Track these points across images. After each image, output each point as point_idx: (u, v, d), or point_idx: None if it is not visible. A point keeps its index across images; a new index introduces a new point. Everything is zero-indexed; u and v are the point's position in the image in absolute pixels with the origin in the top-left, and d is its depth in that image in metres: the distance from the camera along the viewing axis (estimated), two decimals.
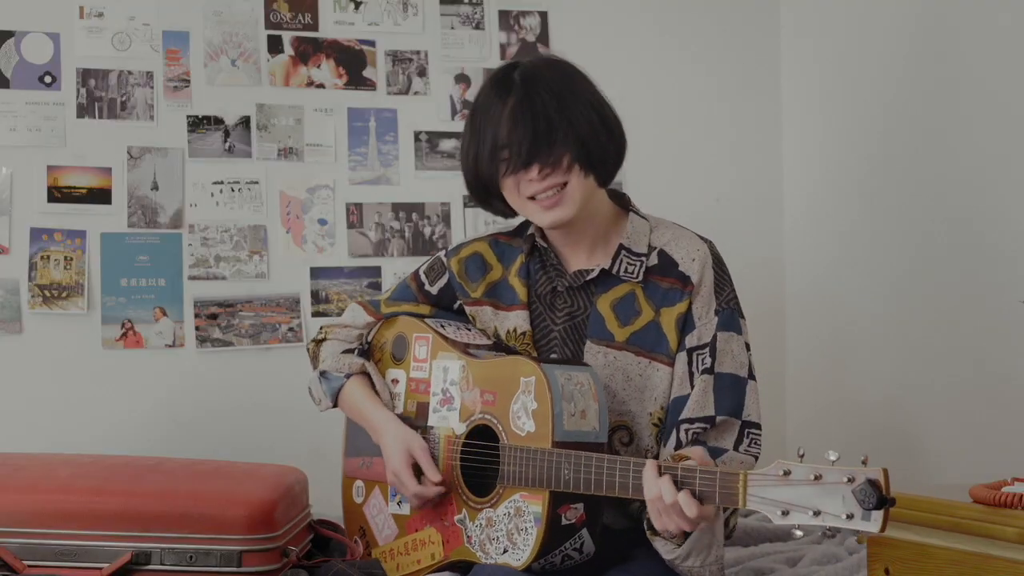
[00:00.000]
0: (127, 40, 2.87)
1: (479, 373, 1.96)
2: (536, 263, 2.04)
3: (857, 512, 1.49)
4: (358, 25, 3.01)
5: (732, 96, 3.25)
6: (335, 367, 2.12)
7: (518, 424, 1.86)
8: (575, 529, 1.83)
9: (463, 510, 1.94)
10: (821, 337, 3.12)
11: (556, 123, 1.87)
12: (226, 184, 2.91)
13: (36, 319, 2.78)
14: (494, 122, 1.90)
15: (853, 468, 1.50)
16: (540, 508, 1.81)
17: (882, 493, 1.48)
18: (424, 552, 2.01)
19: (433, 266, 2.15)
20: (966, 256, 2.61)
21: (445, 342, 2.04)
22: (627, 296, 1.97)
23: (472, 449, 1.94)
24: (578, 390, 1.84)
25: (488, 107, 1.92)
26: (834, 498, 1.51)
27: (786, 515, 1.54)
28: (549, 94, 1.89)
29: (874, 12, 2.91)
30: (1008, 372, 2.50)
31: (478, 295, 2.08)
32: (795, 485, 1.54)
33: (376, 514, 2.12)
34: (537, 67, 1.94)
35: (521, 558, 1.82)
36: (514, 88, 1.90)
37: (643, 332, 1.95)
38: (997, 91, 2.53)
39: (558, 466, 1.78)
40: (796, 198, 3.24)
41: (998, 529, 1.73)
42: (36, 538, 1.97)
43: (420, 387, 2.07)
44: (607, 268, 1.97)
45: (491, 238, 2.12)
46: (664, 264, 1.96)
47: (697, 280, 1.94)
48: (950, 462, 2.63)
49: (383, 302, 2.19)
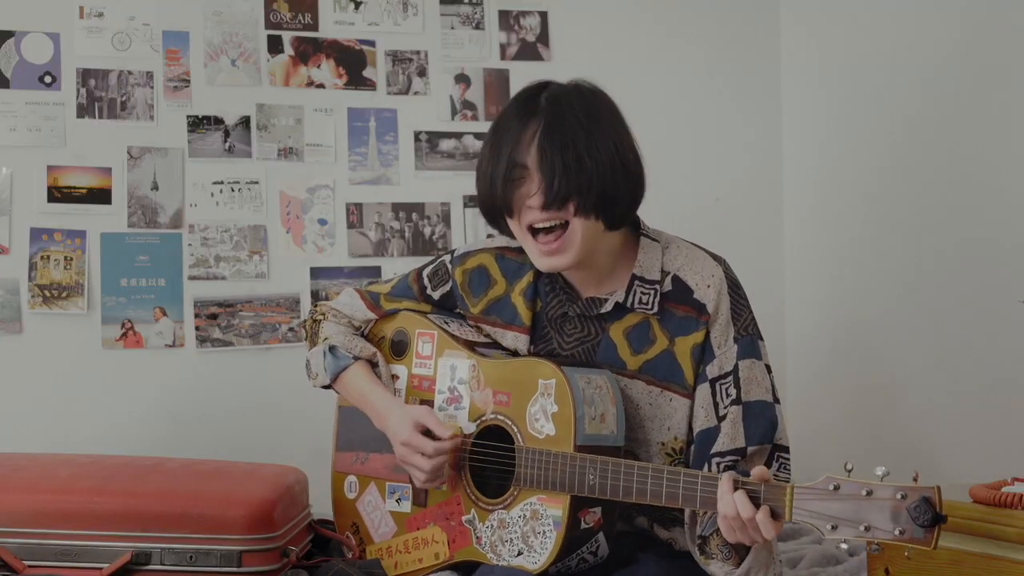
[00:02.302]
0: (127, 40, 2.87)
1: (491, 373, 1.95)
2: (545, 284, 2.00)
3: (910, 529, 1.49)
4: (358, 25, 3.01)
5: (732, 96, 3.25)
6: (346, 346, 2.09)
7: (536, 427, 1.85)
8: (592, 533, 1.83)
9: (472, 510, 1.93)
10: (821, 337, 3.12)
11: (570, 164, 1.82)
12: (226, 184, 2.91)
13: (36, 319, 2.78)
14: (511, 142, 1.85)
15: (905, 485, 1.50)
16: (560, 512, 1.80)
17: (936, 511, 1.48)
18: (426, 551, 1.99)
19: (437, 271, 2.12)
20: (966, 256, 2.61)
21: (452, 339, 2.02)
22: (641, 323, 1.93)
23: (482, 449, 1.93)
24: (597, 394, 1.83)
25: (509, 126, 1.87)
26: (884, 513, 1.51)
27: (835, 529, 1.54)
28: (571, 129, 1.83)
29: (874, 12, 2.91)
30: (1008, 372, 2.50)
31: (478, 311, 2.05)
32: (844, 500, 1.54)
33: (372, 511, 2.11)
34: (567, 94, 1.88)
35: (538, 561, 1.81)
36: (539, 112, 1.85)
37: (656, 361, 1.91)
38: (997, 91, 2.53)
39: (582, 471, 1.77)
40: (796, 198, 3.24)
41: (998, 529, 1.74)
42: (36, 538, 1.97)
43: (424, 384, 2.05)
44: (621, 302, 1.93)
45: (498, 252, 2.07)
46: (679, 290, 1.92)
47: (713, 308, 1.89)
48: (950, 462, 2.63)
49: (383, 296, 2.15)
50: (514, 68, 3.09)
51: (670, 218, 2.12)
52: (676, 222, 2.07)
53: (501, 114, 1.93)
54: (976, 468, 2.22)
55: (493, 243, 2.09)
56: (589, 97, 1.89)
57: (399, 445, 1.95)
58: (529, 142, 1.84)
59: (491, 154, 1.88)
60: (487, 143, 1.91)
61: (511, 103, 1.93)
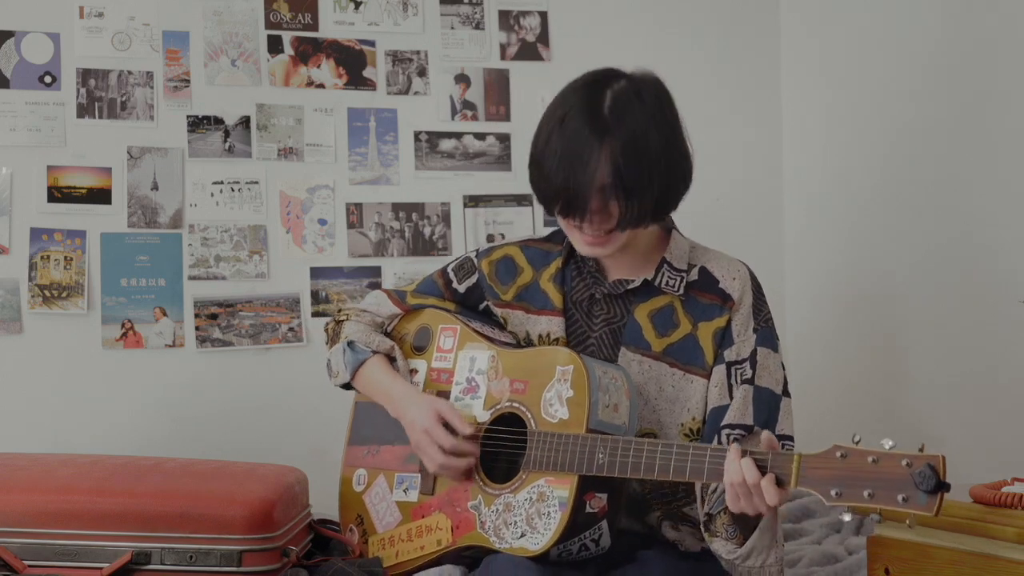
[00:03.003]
0: (127, 40, 2.87)
1: (510, 363, 1.97)
2: (573, 270, 2.04)
3: (914, 495, 1.51)
4: (358, 25, 3.01)
5: (732, 96, 3.25)
6: (364, 340, 2.11)
7: (550, 411, 1.87)
8: (596, 519, 1.84)
9: (478, 496, 1.93)
10: (820, 337, 3.12)
11: (645, 193, 1.83)
12: (226, 184, 2.91)
13: (36, 319, 2.78)
14: (580, 151, 1.82)
15: (911, 453, 1.53)
16: (567, 492, 1.81)
17: (940, 478, 1.51)
18: (429, 539, 1.99)
19: (463, 264, 2.15)
20: (966, 256, 2.61)
21: (474, 333, 2.04)
22: (666, 307, 1.97)
23: (495, 436, 1.94)
24: (612, 384, 1.86)
25: (579, 133, 1.83)
26: (888, 481, 1.53)
27: (839, 496, 1.56)
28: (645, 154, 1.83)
29: (874, 12, 2.91)
30: (1008, 372, 2.50)
31: (508, 298, 2.08)
32: (850, 468, 1.56)
33: (378, 502, 2.11)
34: (633, 105, 1.87)
35: (540, 542, 1.81)
36: (610, 129, 1.82)
37: (680, 345, 1.95)
38: (998, 90, 2.53)
39: (592, 450, 1.79)
40: (796, 198, 3.24)
41: (998, 529, 1.74)
42: (36, 538, 1.97)
43: (442, 376, 2.06)
44: (649, 279, 1.97)
45: (521, 243, 2.12)
46: (705, 281, 1.97)
47: (738, 298, 1.95)
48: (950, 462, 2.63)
49: (409, 293, 2.18)
50: (514, 68, 3.09)
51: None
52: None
53: (565, 114, 1.87)
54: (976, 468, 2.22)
55: (515, 238, 2.15)
56: (653, 105, 1.89)
57: (418, 432, 1.97)
58: (602, 168, 1.82)
59: (552, 158, 1.85)
60: (545, 136, 1.87)
61: (575, 103, 1.87)
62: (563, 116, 1.87)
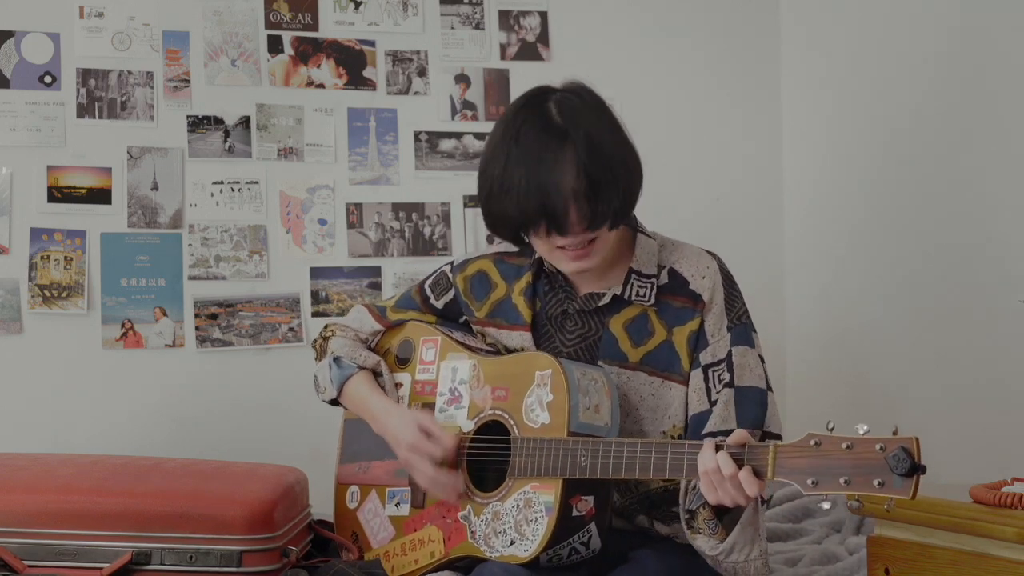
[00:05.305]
0: (127, 40, 2.87)
1: (491, 370, 1.97)
2: (544, 284, 2.03)
3: (889, 479, 1.51)
4: (358, 25, 3.01)
5: (732, 96, 3.24)
6: (350, 356, 2.12)
7: (531, 417, 1.87)
8: (584, 522, 1.83)
9: (468, 506, 1.93)
10: (821, 336, 3.12)
11: (613, 191, 1.83)
12: (226, 184, 2.91)
13: (36, 319, 2.78)
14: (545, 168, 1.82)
15: (884, 437, 1.53)
16: (552, 497, 1.81)
17: (915, 460, 1.50)
18: (422, 551, 2.00)
19: (439, 281, 2.15)
20: (966, 256, 2.61)
21: (455, 343, 2.05)
22: (639, 316, 1.96)
23: (480, 445, 1.94)
24: (593, 385, 1.85)
25: (532, 148, 1.83)
26: (864, 466, 1.53)
27: (816, 484, 1.56)
28: (607, 150, 1.84)
29: (874, 13, 2.91)
30: (1008, 372, 2.50)
31: (482, 315, 2.08)
32: (825, 455, 1.56)
33: (371, 518, 2.11)
34: (576, 107, 1.87)
35: (529, 548, 1.81)
36: (568, 135, 1.83)
37: (656, 352, 1.94)
38: (998, 92, 2.53)
39: (574, 453, 1.79)
40: (796, 198, 3.24)
41: (998, 529, 1.74)
42: (36, 538, 1.97)
43: (426, 388, 2.07)
44: (619, 294, 1.96)
45: (496, 256, 2.11)
46: (675, 283, 1.96)
47: (708, 298, 1.93)
48: (950, 462, 2.63)
49: (389, 308, 2.19)
50: (514, 68, 3.09)
51: (670, 218, 2.12)
52: (676, 222, 2.08)
53: (512, 125, 1.88)
54: (976, 468, 2.22)
55: (491, 249, 2.12)
56: (596, 107, 1.90)
57: (404, 450, 1.97)
58: (569, 170, 1.81)
59: (516, 176, 1.84)
60: (502, 159, 1.86)
61: (523, 120, 1.87)
62: (515, 135, 1.86)
